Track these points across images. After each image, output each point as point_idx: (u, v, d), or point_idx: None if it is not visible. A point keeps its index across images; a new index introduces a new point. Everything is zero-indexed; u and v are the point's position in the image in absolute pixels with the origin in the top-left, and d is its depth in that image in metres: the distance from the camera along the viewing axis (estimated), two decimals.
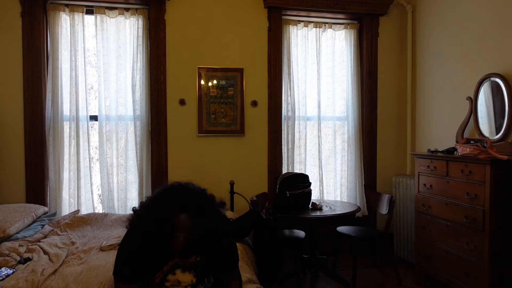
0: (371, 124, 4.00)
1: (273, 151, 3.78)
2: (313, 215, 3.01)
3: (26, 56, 3.29)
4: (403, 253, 3.75)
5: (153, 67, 3.51)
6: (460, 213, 2.81)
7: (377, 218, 4.01)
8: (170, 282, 1.64)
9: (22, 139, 3.32)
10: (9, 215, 2.72)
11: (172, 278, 1.65)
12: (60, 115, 3.39)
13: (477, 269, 2.66)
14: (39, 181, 3.34)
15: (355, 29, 4.01)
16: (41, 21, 3.32)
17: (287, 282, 3.30)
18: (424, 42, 3.83)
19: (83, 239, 2.73)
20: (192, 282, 1.66)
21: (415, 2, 3.95)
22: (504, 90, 2.89)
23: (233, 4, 3.68)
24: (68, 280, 2.02)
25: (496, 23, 3.02)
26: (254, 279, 2.14)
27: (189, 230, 1.60)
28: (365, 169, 4.00)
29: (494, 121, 3.03)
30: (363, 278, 3.45)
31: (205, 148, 3.66)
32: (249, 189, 3.65)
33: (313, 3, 3.71)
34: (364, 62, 3.99)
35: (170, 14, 3.55)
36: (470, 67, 3.27)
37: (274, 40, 3.74)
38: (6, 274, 2.07)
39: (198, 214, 1.62)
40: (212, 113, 3.64)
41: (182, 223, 1.59)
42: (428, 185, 3.14)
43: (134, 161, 3.53)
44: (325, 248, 3.78)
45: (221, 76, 3.65)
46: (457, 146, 2.93)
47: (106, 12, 3.45)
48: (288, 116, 3.83)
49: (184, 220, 1.59)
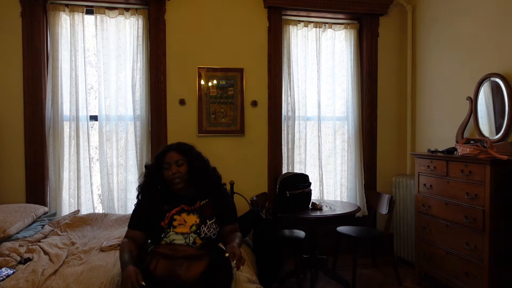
0: (371, 124, 4.00)
1: (273, 151, 3.78)
2: (313, 215, 3.01)
3: (26, 56, 3.29)
4: (403, 253, 3.75)
5: (153, 67, 3.51)
6: (460, 213, 2.81)
7: (377, 218, 4.01)
8: (177, 221, 2.03)
9: (22, 139, 3.32)
10: (9, 215, 2.71)
11: (179, 218, 2.04)
12: (60, 115, 3.39)
13: (477, 269, 2.66)
14: (39, 181, 3.33)
15: (355, 29, 4.01)
16: (41, 21, 3.32)
17: (287, 282, 3.30)
18: (424, 42, 3.83)
19: (83, 239, 2.73)
20: (196, 222, 2.04)
21: (415, 2, 3.95)
22: (504, 90, 2.89)
23: (233, 4, 3.68)
24: (69, 281, 2.02)
25: (496, 23, 3.02)
26: (254, 279, 2.14)
27: (177, 163, 2.07)
28: (365, 169, 4.00)
29: (494, 121, 3.03)
30: (363, 278, 3.45)
31: (205, 148, 3.58)
32: (249, 189, 3.65)
33: (313, 3, 3.71)
34: (364, 62, 3.99)
35: (170, 14, 3.55)
36: (470, 67, 3.27)
37: (274, 40, 3.74)
38: (6, 275, 2.07)
39: (185, 150, 2.12)
40: (212, 113, 3.64)
41: (170, 155, 2.08)
42: (428, 185, 3.14)
43: (134, 161, 3.53)
44: (325, 248, 3.78)
45: (221, 76, 3.65)
46: (457, 146, 2.93)
47: (106, 12, 3.45)
48: (288, 116, 3.83)
49: (173, 155, 2.08)
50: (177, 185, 2.07)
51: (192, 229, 2.01)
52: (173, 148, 2.11)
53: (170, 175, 2.04)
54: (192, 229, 2.01)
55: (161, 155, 2.10)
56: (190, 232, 2.00)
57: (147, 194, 2.11)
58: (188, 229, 2.01)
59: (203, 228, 2.03)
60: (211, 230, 2.05)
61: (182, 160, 2.08)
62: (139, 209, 2.12)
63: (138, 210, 2.12)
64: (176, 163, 2.06)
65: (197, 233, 2.01)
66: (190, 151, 2.14)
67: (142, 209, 2.10)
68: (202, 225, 2.03)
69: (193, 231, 2.01)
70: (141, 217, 2.08)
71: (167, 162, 2.06)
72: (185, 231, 2.01)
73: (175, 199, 2.10)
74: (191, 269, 1.92)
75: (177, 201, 2.09)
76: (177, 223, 2.02)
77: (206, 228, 2.03)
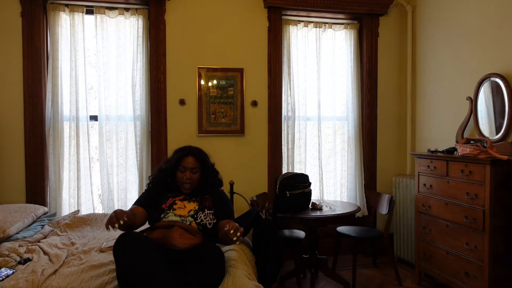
0: (371, 124, 4.00)
1: (273, 151, 3.78)
2: (313, 215, 3.01)
3: (26, 56, 3.29)
4: (403, 253, 3.75)
5: (153, 67, 3.51)
6: (460, 213, 2.81)
7: (377, 218, 4.01)
8: (178, 205, 2.24)
9: (22, 139, 3.32)
10: (9, 215, 2.71)
11: (180, 203, 2.26)
12: (60, 115, 3.39)
13: (477, 269, 2.66)
14: (39, 181, 3.34)
15: (355, 29, 4.01)
16: (41, 21, 3.32)
17: (287, 282, 3.30)
18: (424, 42, 3.83)
19: (83, 240, 2.73)
20: (195, 208, 2.24)
21: (415, 2, 3.94)
22: (504, 90, 2.89)
23: (233, 4, 3.68)
24: (69, 281, 2.01)
25: (496, 23, 3.02)
26: (252, 278, 2.14)
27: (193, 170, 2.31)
28: (365, 169, 4.00)
29: (494, 121, 3.03)
30: (363, 278, 3.45)
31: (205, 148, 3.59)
32: (249, 189, 3.65)
33: (313, 3, 3.71)
34: (364, 62, 3.99)
35: (170, 14, 3.55)
36: (470, 67, 3.27)
37: (274, 40, 3.74)
38: (6, 275, 2.07)
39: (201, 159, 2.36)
40: (212, 113, 3.64)
41: (188, 160, 2.32)
42: (428, 185, 3.14)
43: (134, 161, 3.53)
44: (325, 248, 3.78)
45: (221, 76, 3.65)
46: (457, 146, 2.93)
47: (106, 12, 3.45)
48: (288, 116, 3.83)
49: (191, 161, 2.32)
50: (187, 189, 2.30)
51: (190, 213, 2.21)
52: (193, 153, 2.35)
53: (184, 179, 2.28)
54: (190, 213, 2.21)
55: (181, 157, 2.33)
56: (187, 216, 2.19)
57: (157, 184, 2.37)
58: (187, 212, 2.21)
59: (200, 215, 2.22)
60: (208, 219, 2.22)
61: (197, 168, 2.32)
62: (147, 194, 2.36)
63: (146, 194, 2.37)
64: (191, 170, 2.30)
65: (194, 218, 2.19)
66: (206, 161, 2.38)
67: (149, 194, 2.35)
68: (200, 212, 2.23)
69: (191, 215, 2.20)
70: (147, 199, 2.32)
71: (184, 166, 2.30)
72: (183, 214, 2.20)
73: (180, 192, 2.36)
74: (184, 238, 2.06)
75: (181, 193, 2.35)
76: (177, 207, 2.25)
77: (203, 216, 2.22)
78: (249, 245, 2.71)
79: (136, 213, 2.20)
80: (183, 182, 2.30)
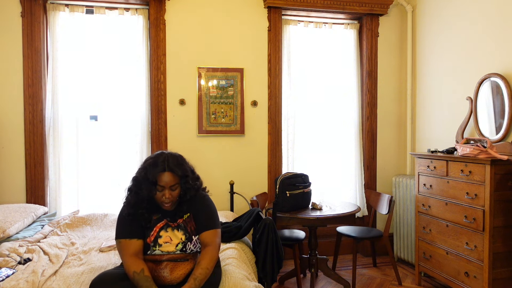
0: (371, 124, 4.00)
1: (273, 151, 3.78)
2: (313, 215, 3.01)
3: (26, 56, 3.29)
4: (403, 253, 3.75)
5: (153, 67, 3.51)
6: (460, 213, 2.81)
7: (377, 218, 4.01)
8: (163, 239, 1.99)
9: (22, 139, 3.32)
10: (9, 215, 2.71)
11: (165, 235, 2.00)
12: (60, 115, 3.39)
13: (477, 269, 2.66)
14: (39, 181, 3.34)
15: (355, 29, 4.01)
16: (41, 21, 3.32)
17: (287, 282, 3.30)
18: (424, 42, 3.83)
19: (83, 240, 2.73)
20: (181, 240, 2.01)
21: (415, 2, 3.94)
22: (504, 90, 2.89)
23: (233, 4, 3.68)
24: (69, 282, 2.01)
25: (496, 23, 3.02)
26: (252, 278, 2.14)
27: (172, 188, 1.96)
28: (365, 169, 4.00)
29: (494, 121, 3.03)
30: (363, 278, 3.45)
31: (205, 148, 3.66)
32: (249, 189, 3.65)
33: (313, 3, 3.71)
34: (364, 62, 3.99)
35: (170, 14, 3.55)
36: (470, 67, 3.27)
37: (274, 40, 3.74)
38: (6, 275, 2.07)
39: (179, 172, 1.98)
40: (212, 113, 3.64)
41: (166, 178, 1.94)
42: (428, 185, 3.14)
43: (134, 161, 3.53)
44: (325, 248, 3.79)
45: (221, 76, 3.65)
46: (457, 146, 2.93)
47: (106, 12, 3.45)
48: (288, 116, 3.83)
49: (168, 178, 1.94)
50: (167, 207, 2.00)
51: (178, 247, 1.99)
52: (170, 168, 1.95)
53: (164, 199, 1.96)
54: (178, 247, 1.98)
55: (156, 174, 1.94)
56: (176, 251, 1.98)
57: (133, 206, 1.99)
58: (174, 247, 1.98)
59: (189, 245, 2.01)
60: (197, 246, 2.03)
61: (176, 185, 1.98)
62: (127, 218, 2.00)
63: (126, 218, 2.00)
64: (171, 188, 1.96)
65: (183, 251, 1.99)
66: (184, 170, 2.01)
67: (130, 218, 1.99)
68: (188, 242, 2.01)
69: (179, 249, 1.98)
70: (133, 224, 1.98)
71: (161, 185, 1.94)
72: (171, 250, 1.97)
73: (158, 210, 2.04)
74: (175, 271, 1.94)
75: (161, 212, 2.04)
76: (162, 241, 1.98)
77: (193, 245, 2.02)
78: (249, 245, 2.71)
79: (138, 251, 1.97)
80: (162, 202, 1.97)
